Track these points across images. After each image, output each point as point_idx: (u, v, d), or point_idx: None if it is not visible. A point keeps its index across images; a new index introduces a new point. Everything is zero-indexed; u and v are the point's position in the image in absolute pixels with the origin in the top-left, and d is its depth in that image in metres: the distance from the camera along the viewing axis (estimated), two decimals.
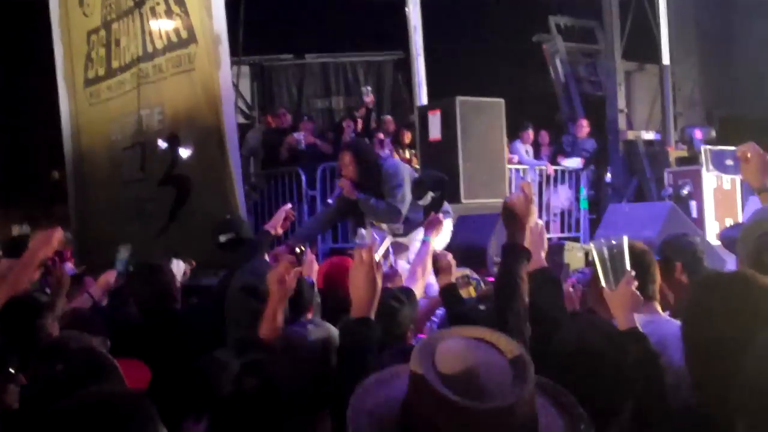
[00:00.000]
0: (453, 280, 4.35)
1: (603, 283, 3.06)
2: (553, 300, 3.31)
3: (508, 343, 1.75)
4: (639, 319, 3.00)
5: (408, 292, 4.14)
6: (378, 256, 2.81)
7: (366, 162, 6.80)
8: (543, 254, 3.42)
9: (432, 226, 5.06)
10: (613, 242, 3.07)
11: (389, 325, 3.60)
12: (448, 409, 1.62)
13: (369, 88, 12.87)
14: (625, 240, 3.08)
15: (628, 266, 3.04)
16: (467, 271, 4.93)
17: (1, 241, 6.81)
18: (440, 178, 6.73)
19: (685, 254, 4.09)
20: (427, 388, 1.65)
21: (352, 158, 6.79)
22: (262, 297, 3.49)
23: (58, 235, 4.29)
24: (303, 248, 3.78)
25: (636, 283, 3.02)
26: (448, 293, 4.24)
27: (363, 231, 7.14)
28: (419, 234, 6.52)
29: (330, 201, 6.99)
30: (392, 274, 4.87)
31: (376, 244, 6.49)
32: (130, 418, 1.95)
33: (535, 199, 10.50)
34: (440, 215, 5.71)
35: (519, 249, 3.02)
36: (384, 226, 7.04)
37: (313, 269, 5.14)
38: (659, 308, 3.50)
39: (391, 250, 6.82)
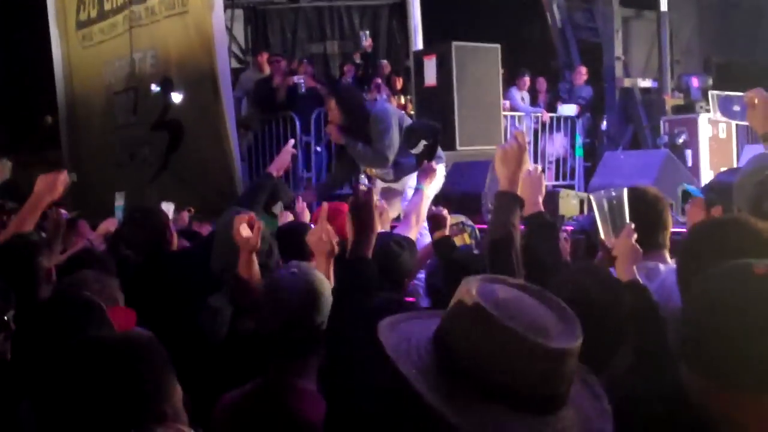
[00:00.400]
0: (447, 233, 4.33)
1: (602, 235, 3.05)
2: (548, 245, 3.29)
3: (551, 295, 1.75)
4: (645, 267, 2.98)
5: (408, 241, 4.13)
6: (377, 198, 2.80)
7: (350, 106, 6.74)
8: (540, 199, 3.37)
9: (425, 174, 5.05)
10: (613, 193, 3.04)
11: (388, 270, 3.59)
12: (513, 344, 1.59)
13: (367, 33, 12.73)
14: (625, 191, 3.06)
15: (627, 218, 3.03)
16: (462, 218, 4.90)
17: None
18: (433, 126, 6.66)
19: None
20: (489, 320, 1.62)
21: (336, 103, 6.74)
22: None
23: (63, 178, 4.29)
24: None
25: (635, 236, 3.01)
26: (442, 244, 4.22)
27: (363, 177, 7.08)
28: (412, 180, 6.53)
29: (318, 149, 6.93)
30: (380, 209, 4.83)
31: (377, 187, 6.50)
32: (142, 358, 1.95)
33: (530, 146, 10.48)
34: (433, 163, 5.70)
35: (511, 197, 3.00)
36: (374, 171, 7.00)
37: (305, 217, 5.14)
38: (668, 256, 3.47)
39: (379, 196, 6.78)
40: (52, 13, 11.65)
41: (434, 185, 6.44)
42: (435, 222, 4.32)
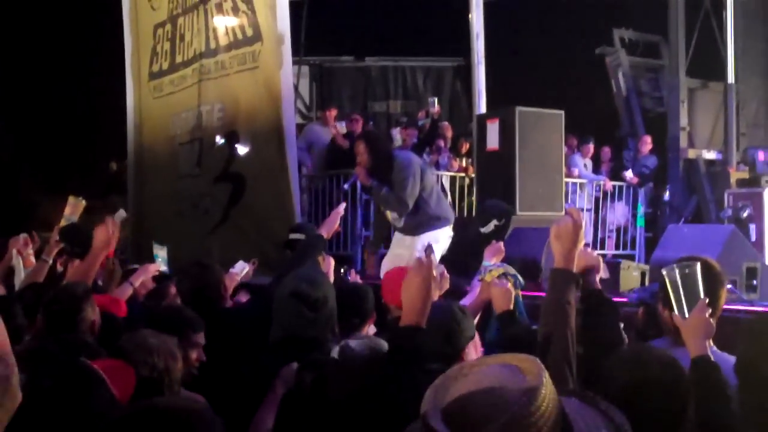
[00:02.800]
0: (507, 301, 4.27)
1: (675, 310, 3.01)
2: (606, 323, 3.25)
3: (533, 369, 1.71)
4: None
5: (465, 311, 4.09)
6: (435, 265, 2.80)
7: (378, 151, 7.13)
8: (598, 277, 3.35)
9: (492, 252, 5.05)
10: (687, 269, 3.00)
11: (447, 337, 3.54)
12: None
13: (435, 100, 12.83)
14: (699, 266, 3.01)
15: (701, 293, 2.98)
16: (503, 269, 4.85)
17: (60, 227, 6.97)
18: (505, 207, 6.80)
19: None
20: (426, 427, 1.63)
21: (366, 147, 7.11)
22: (312, 304, 3.48)
23: (115, 231, 4.41)
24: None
25: (710, 311, 2.96)
26: (505, 318, 4.17)
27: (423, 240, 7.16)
28: (426, 238, 6.82)
29: (345, 186, 7.23)
30: (438, 275, 4.80)
31: (434, 255, 6.51)
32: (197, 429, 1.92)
33: (591, 214, 10.40)
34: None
35: (566, 274, 2.98)
36: (389, 214, 7.31)
37: (330, 271, 5.16)
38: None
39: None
40: (128, 63, 11.95)
41: (440, 247, 6.64)
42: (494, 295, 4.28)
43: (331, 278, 4.58)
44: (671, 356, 2.84)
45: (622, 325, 3.44)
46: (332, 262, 5.41)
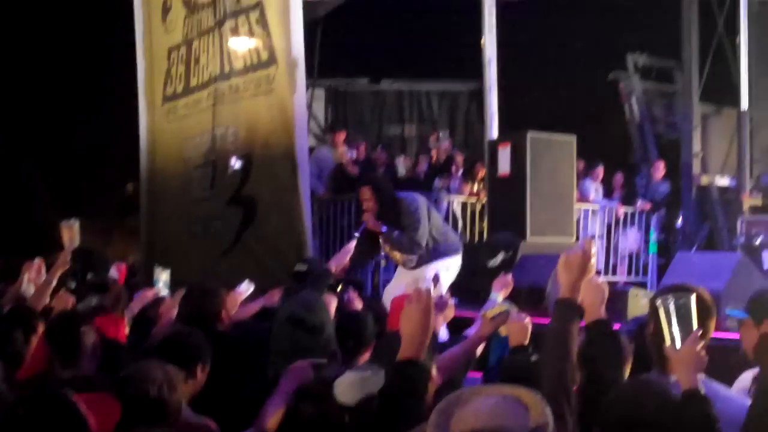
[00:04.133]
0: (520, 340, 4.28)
1: (667, 341, 2.99)
2: (607, 356, 3.22)
3: (537, 405, 1.73)
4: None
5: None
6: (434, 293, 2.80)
7: (384, 197, 7.10)
8: (602, 307, 3.30)
9: (501, 285, 5.07)
10: (681, 299, 2.97)
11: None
12: None
13: (446, 134, 12.89)
14: (693, 297, 3.00)
15: (695, 324, 2.97)
16: (505, 307, 4.87)
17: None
18: (512, 239, 6.82)
19: None
20: None
21: (372, 193, 7.08)
22: (309, 329, 3.49)
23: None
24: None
25: (702, 343, 2.95)
26: (518, 353, 4.19)
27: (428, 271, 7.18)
28: (434, 267, 6.95)
29: (356, 234, 7.23)
30: (442, 304, 4.81)
31: (438, 285, 6.57)
32: None
33: (603, 240, 10.35)
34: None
35: (571, 305, 2.97)
36: (398, 256, 7.29)
37: (356, 305, 5.18)
38: None
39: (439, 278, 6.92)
40: (141, 86, 12.02)
41: (449, 275, 6.67)
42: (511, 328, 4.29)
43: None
44: (670, 393, 2.84)
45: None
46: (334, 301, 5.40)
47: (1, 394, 3.21)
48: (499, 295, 5.11)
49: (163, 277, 6.26)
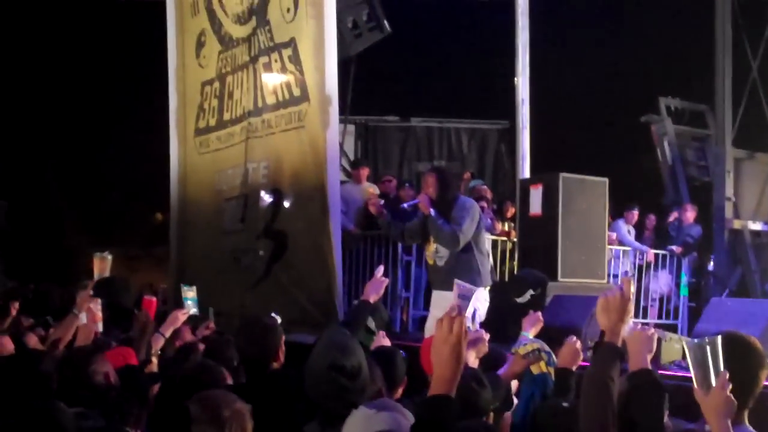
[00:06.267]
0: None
1: (695, 385, 2.90)
2: (649, 406, 3.10)
3: None
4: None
5: (494, 379, 4.06)
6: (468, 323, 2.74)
7: (447, 187, 7.43)
8: (649, 357, 3.19)
9: (531, 323, 5.03)
10: (707, 340, 2.88)
11: (465, 408, 3.48)
12: None
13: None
14: (719, 338, 2.91)
15: (721, 367, 2.88)
16: (537, 344, 4.81)
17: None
18: (541, 277, 6.78)
19: None
20: None
21: (436, 180, 7.39)
22: (350, 374, 3.43)
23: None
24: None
25: (731, 386, 2.86)
26: (563, 375, 4.16)
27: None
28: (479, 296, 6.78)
29: (405, 205, 7.40)
30: (477, 339, 4.73)
31: (469, 314, 6.48)
32: None
33: (634, 282, 10.25)
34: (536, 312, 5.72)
35: (611, 348, 2.92)
36: (431, 248, 7.45)
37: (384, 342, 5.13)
38: (747, 421, 3.18)
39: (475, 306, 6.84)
40: (173, 119, 12.14)
41: (481, 309, 6.62)
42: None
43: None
44: None
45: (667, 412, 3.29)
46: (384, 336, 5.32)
47: None
48: (530, 333, 5.07)
49: (190, 295, 6.22)
